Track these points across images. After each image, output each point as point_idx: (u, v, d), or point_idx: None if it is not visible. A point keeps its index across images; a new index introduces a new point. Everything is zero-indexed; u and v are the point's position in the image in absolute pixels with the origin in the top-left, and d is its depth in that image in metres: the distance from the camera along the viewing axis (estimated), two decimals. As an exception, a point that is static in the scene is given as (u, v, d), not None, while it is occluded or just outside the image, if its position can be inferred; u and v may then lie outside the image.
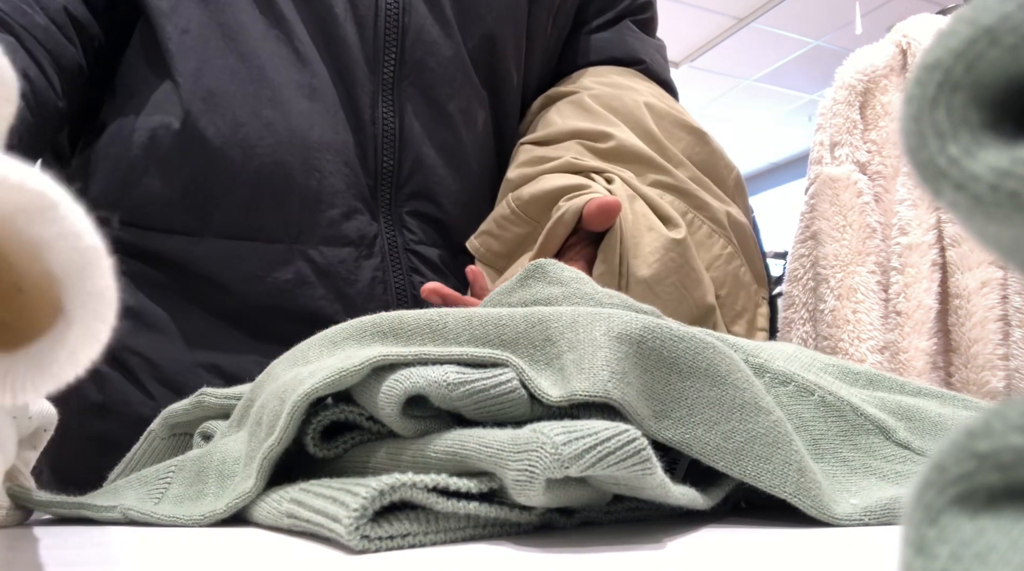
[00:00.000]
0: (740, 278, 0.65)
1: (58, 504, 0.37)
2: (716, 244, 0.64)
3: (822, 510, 0.30)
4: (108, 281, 0.17)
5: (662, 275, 0.58)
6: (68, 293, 0.18)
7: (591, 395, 0.29)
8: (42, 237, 0.17)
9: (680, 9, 3.71)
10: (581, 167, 0.63)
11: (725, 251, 0.65)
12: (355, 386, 0.32)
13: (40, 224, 0.17)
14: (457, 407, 0.30)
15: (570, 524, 0.30)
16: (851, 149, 1.23)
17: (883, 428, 0.37)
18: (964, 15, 0.12)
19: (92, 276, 0.17)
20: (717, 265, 0.64)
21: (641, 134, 0.66)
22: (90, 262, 0.17)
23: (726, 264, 0.64)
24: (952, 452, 0.12)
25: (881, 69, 1.23)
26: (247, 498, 0.33)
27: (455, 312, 0.35)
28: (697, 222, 0.64)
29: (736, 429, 0.30)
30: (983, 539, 0.11)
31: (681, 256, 0.60)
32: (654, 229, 0.59)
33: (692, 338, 0.32)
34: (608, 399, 0.29)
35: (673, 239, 0.59)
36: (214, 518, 0.34)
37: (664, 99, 0.71)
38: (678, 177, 0.65)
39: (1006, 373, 1.09)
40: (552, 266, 0.41)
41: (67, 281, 0.17)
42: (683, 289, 0.59)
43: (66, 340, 0.18)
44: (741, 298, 0.65)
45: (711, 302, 0.61)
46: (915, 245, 1.15)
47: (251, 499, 0.33)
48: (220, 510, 0.33)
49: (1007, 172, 0.11)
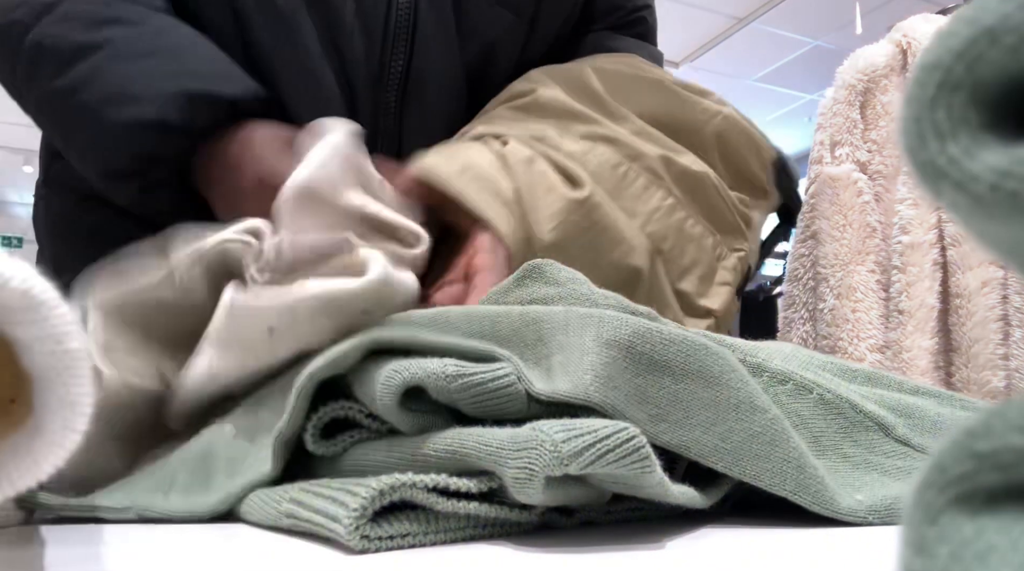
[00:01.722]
0: (685, 230, 0.61)
1: (69, 506, 0.37)
2: (654, 196, 0.60)
3: (824, 505, 0.30)
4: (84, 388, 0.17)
5: (567, 239, 0.55)
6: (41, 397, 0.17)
7: (571, 397, 0.29)
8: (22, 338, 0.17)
9: (680, 9, 3.72)
10: (480, 134, 0.61)
11: (665, 203, 0.60)
12: (355, 377, 0.32)
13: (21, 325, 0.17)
14: (455, 400, 0.30)
15: (570, 524, 0.30)
16: (851, 148, 1.23)
17: (882, 425, 0.37)
18: (964, 15, 0.12)
19: (67, 383, 0.17)
20: (657, 218, 0.60)
21: (577, 91, 0.63)
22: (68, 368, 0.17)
23: (666, 216, 0.60)
24: (952, 452, 0.12)
25: (881, 69, 1.23)
26: (264, 480, 0.33)
27: (457, 309, 0.36)
28: (632, 174, 0.60)
29: (733, 429, 0.31)
30: (983, 539, 0.11)
31: (587, 217, 0.56)
32: (554, 190, 0.56)
33: (683, 340, 0.32)
34: (588, 402, 0.29)
35: (575, 200, 0.56)
36: (229, 502, 0.34)
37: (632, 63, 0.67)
38: (611, 127, 0.61)
39: (1006, 373, 1.09)
40: (549, 266, 0.41)
41: (42, 385, 0.17)
42: (595, 252, 0.56)
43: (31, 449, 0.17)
44: (690, 251, 0.61)
45: (635, 264, 0.57)
46: (916, 244, 1.15)
47: (269, 479, 0.34)
48: (235, 491, 0.34)
49: (1007, 172, 0.11)
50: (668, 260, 0.60)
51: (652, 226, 0.59)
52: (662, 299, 0.59)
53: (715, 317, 0.61)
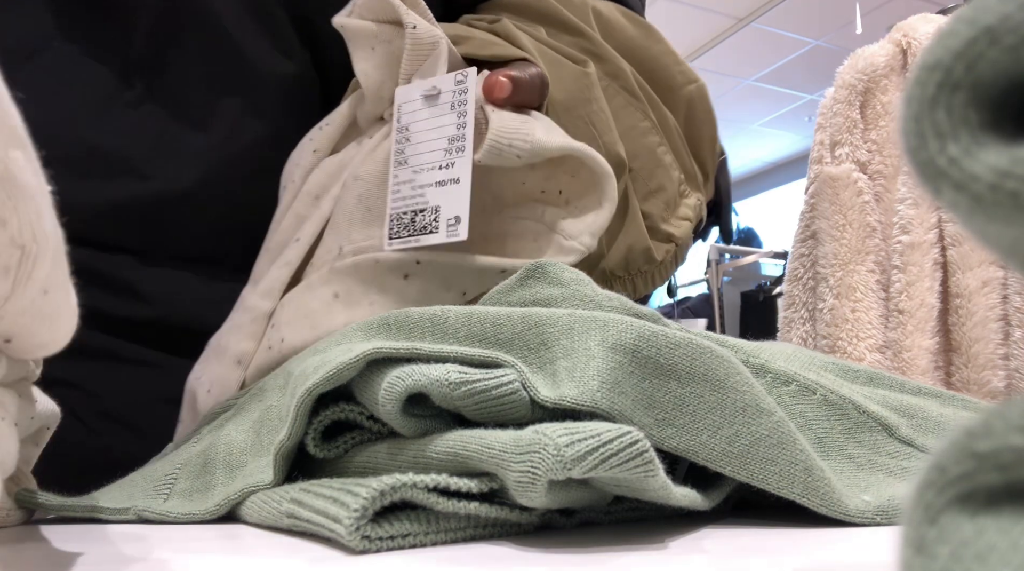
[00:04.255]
0: (658, 156, 0.60)
1: (69, 507, 0.37)
2: (632, 115, 0.60)
3: (832, 507, 0.30)
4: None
5: (573, 103, 0.55)
6: None
7: (578, 403, 0.29)
8: None
9: (680, 9, 3.72)
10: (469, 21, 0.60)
11: (641, 123, 0.60)
12: (357, 383, 0.32)
13: None
14: (458, 407, 0.30)
15: (570, 524, 0.30)
16: (851, 148, 1.23)
17: (886, 425, 0.37)
18: (964, 15, 0.12)
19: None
20: (631, 136, 0.59)
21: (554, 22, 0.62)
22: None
23: (641, 137, 0.60)
24: (952, 452, 0.12)
25: (881, 69, 1.23)
26: (264, 487, 0.34)
27: (456, 309, 0.36)
28: (612, 90, 0.60)
29: (740, 432, 0.30)
30: (983, 539, 0.11)
31: (588, 89, 0.56)
32: (559, 61, 0.56)
33: (688, 344, 0.32)
34: (596, 408, 0.29)
35: (580, 70, 0.56)
36: (228, 505, 0.34)
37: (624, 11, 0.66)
38: (597, 43, 0.60)
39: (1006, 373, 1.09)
40: (552, 267, 0.41)
41: None
42: (592, 127, 0.56)
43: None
44: (658, 176, 0.60)
45: (622, 155, 0.57)
46: (917, 244, 1.15)
47: (267, 489, 0.33)
48: (234, 495, 0.34)
49: (1007, 172, 0.11)
50: (636, 178, 0.59)
51: (626, 143, 0.58)
52: (634, 208, 0.58)
53: (676, 244, 0.60)
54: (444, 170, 0.49)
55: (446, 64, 0.51)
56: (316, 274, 0.51)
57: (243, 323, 0.53)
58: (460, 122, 0.49)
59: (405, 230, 0.49)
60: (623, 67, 0.60)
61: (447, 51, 0.52)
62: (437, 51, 0.51)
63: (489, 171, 0.50)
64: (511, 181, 0.51)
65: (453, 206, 0.48)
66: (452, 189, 0.48)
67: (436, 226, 0.48)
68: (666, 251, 0.60)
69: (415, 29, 0.51)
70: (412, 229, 0.49)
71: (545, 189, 0.51)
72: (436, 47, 0.51)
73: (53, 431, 0.40)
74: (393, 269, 0.49)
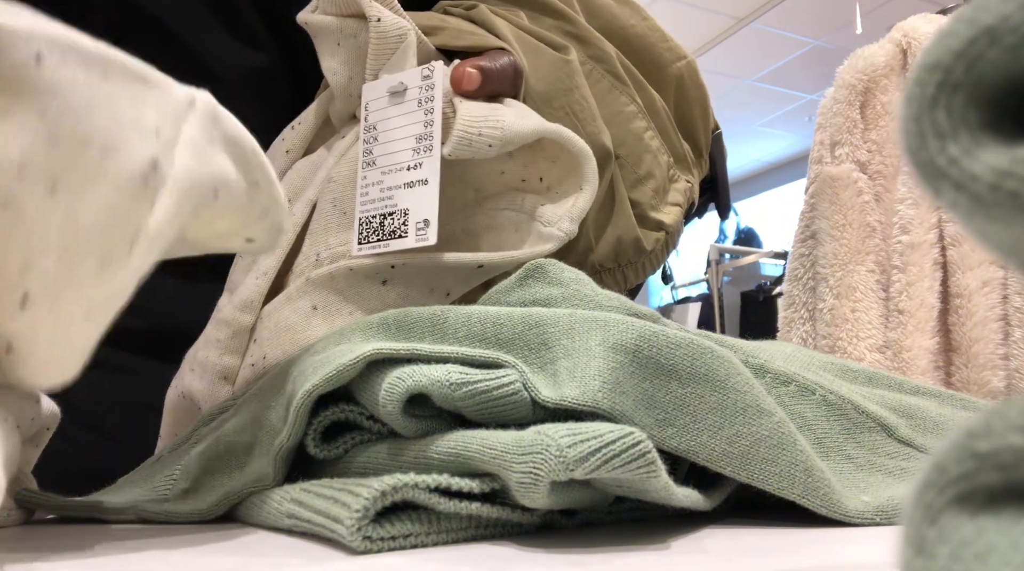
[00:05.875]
0: (644, 141, 0.59)
1: (70, 506, 0.37)
2: (617, 100, 0.58)
3: (832, 508, 0.30)
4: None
5: (553, 93, 0.54)
6: None
7: (580, 403, 0.29)
8: None
9: (680, 9, 3.71)
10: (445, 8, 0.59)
11: (627, 108, 0.58)
12: (356, 384, 0.32)
13: None
14: (459, 407, 0.30)
15: (572, 524, 0.30)
16: (851, 148, 1.23)
17: (885, 425, 0.37)
18: (964, 15, 0.12)
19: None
20: (617, 122, 0.58)
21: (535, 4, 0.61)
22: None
23: (627, 122, 0.58)
24: (952, 452, 0.12)
25: (881, 69, 1.23)
26: (264, 487, 0.34)
27: (456, 309, 0.35)
28: (596, 74, 0.58)
29: (740, 433, 0.30)
30: (983, 539, 0.11)
31: (570, 77, 0.55)
32: (539, 49, 0.55)
33: (689, 344, 0.32)
34: (597, 408, 0.29)
35: (561, 58, 0.55)
36: (227, 505, 0.34)
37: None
38: (581, 25, 0.59)
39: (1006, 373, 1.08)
40: (552, 266, 0.41)
41: None
42: (575, 118, 0.54)
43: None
44: (646, 162, 0.59)
45: (608, 145, 0.55)
46: (917, 244, 1.15)
47: (267, 489, 0.34)
48: (234, 495, 0.34)
49: (1007, 172, 0.11)
50: (623, 166, 0.58)
51: (612, 129, 0.57)
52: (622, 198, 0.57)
53: (666, 232, 0.59)
54: (412, 171, 0.47)
55: (415, 57, 0.50)
56: (294, 285, 0.49)
57: (222, 337, 0.50)
58: (427, 119, 0.47)
59: (374, 234, 0.47)
60: (608, 50, 0.59)
61: (415, 44, 0.50)
62: (405, 44, 0.49)
63: (467, 164, 0.48)
64: (489, 172, 0.50)
65: (421, 209, 0.46)
66: (420, 191, 0.46)
67: (405, 230, 0.46)
68: (656, 239, 0.58)
69: (379, 22, 0.49)
70: (381, 233, 0.47)
71: (525, 177, 0.50)
72: (403, 40, 0.49)
73: (52, 431, 0.40)
74: (369, 276, 0.48)
